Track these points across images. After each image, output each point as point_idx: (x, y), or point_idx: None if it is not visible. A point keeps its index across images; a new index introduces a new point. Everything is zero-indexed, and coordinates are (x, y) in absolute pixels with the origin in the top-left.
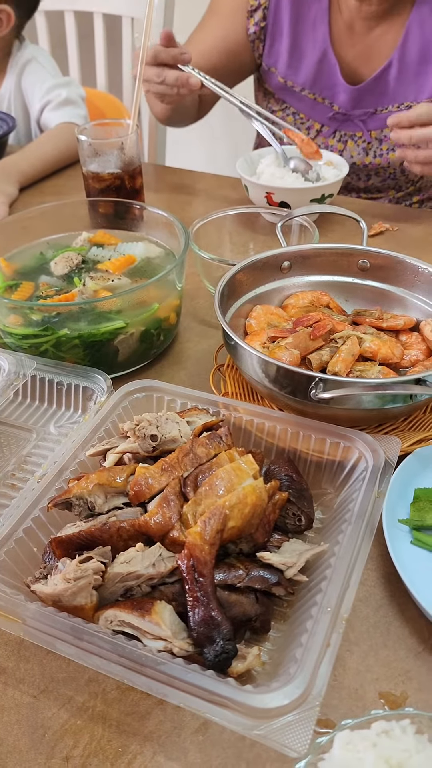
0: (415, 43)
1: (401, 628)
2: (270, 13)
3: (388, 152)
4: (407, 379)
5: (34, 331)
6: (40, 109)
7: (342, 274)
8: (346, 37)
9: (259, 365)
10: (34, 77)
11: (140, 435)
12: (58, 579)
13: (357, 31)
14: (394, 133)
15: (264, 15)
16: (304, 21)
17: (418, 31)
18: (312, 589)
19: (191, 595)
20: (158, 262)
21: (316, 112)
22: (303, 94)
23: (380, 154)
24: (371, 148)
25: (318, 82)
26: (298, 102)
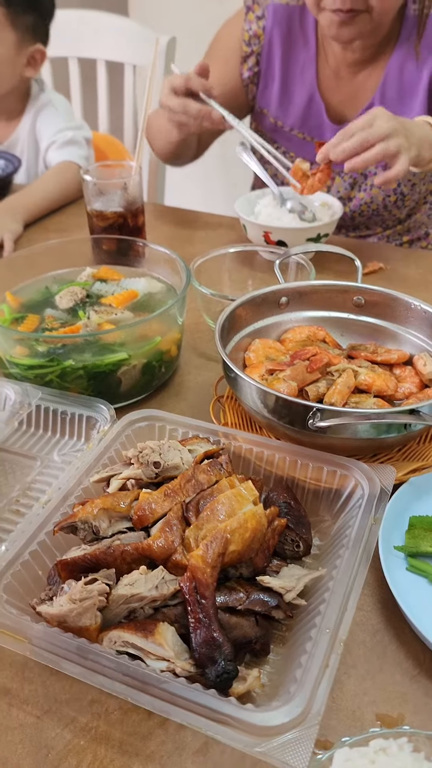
0: (393, 85)
1: (397, 652)
2: (262, 59)
3: (371, 188)
4: (402, 409)
5: (40, 361)
6: (46, 149)
7: (338, 310)
8: (332, 81)
9: (259, 396)
10: (48, 120)
11: (144, 462)
12: (64, 600)
13: (342, 76)
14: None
15: (257, 61)
16: (294, 67)
17: (395, 74)
18: (310, 613)
19: (193, 616)
20: (160, 297)
21: (305, 150)
22: (293, 133)
23: (365, 189)
24: (357, 183)
25: (306, 122)
26: (288, 141)
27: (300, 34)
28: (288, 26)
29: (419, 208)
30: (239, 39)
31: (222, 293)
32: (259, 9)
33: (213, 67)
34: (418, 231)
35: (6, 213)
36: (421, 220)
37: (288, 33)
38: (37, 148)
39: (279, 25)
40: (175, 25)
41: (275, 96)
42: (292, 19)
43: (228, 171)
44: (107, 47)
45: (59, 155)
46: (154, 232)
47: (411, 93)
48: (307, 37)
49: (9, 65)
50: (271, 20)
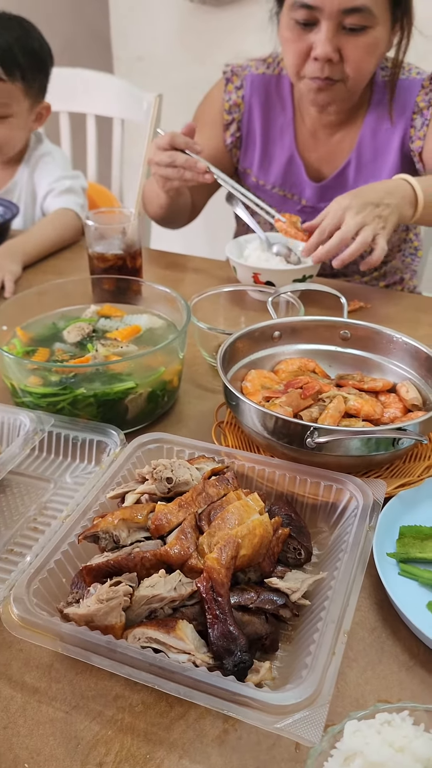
0: (368, 146)
1: (394, 647)
2: (243, 125)
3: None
4: (391, 427)
5: (53, 390)
6: (44, 196)
7: (326, 343)
8: (310, 142)
9: (259, 418)
10: (45, 170)
11: (157, 478)
12: (91, 601)
13: (319, 137)
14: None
15: (238, 127)
16: (273, 130)
17: (369, 136)
18: (315, 611)
19: (210, 613)
20: (161, 332)
21: (287, 206)
22: (274, 191)
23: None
24: None
25: (287, 181)
26: (270, 198)
27: (277, 100)
28: (265, 94)
29: (393, 255)
30: (220, 108)
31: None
32: (237, 80)
33: (199, 135)
34: (393, 276)
35: (5, 255)
36: (396, 266)
37: (266, 100)
38: (34, 195)
39: (257, 93)
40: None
41: (257, 158)
42: (269, 87)
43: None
44: (97, 103)
45: (57, 202)
46: (148, 274)
47: (384, 153)
48: (284, 102)
49: (25, 128)
50: (249, 89)
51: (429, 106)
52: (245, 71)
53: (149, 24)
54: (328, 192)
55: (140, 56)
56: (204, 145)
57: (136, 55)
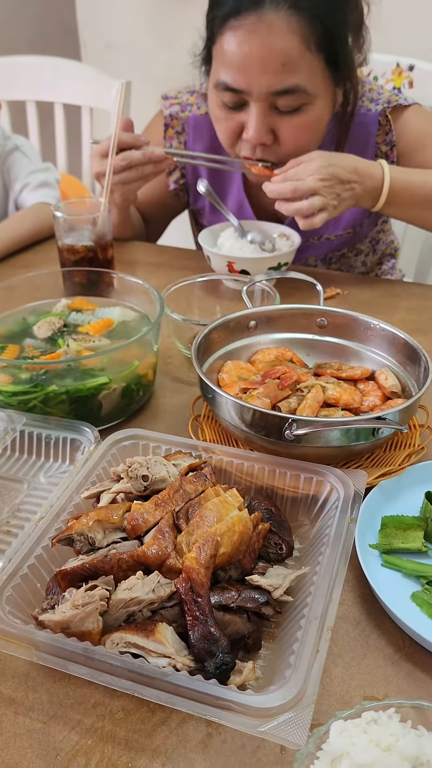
0: None
1: (378, 640)
2: (187, 172)
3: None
4: (370, 416)
5: (23, 388)
6: (20, 190)
7: (303, 332)
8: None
9: (236, 411)
10: (17, 165)
11: (133, 476)
12: (67, 606)
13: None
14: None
15: (182, 173)
16: (221, 176)
17: None
18: (297, 607)
19: (190, 614)
20: (134, 324)
21: None
22: None
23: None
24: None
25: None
26: None
27: None
28: (209, 136)
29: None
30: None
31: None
32: (178, 124)
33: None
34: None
35: None
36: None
37: (210, 144)
38: (6, 190)
39: (200, 137)
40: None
41: (207, 204)
42: (213, 130)
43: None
44: (64, 91)
45: (34, 197)
46: (120, 266)
47: None
48: None
49: None
50: (192, 135)
51: (392, 147)
52: (185, 113)
53: (116, 11)
54: None
55: (108, 43)
56: (148, 189)
57: (103, 42)
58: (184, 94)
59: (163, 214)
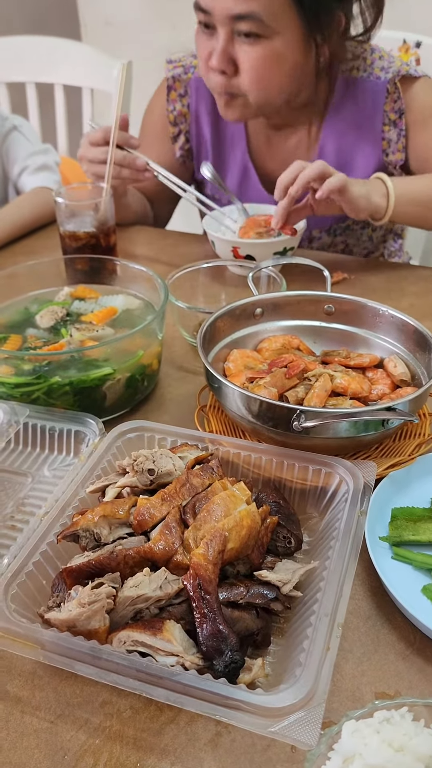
0: (331, 151)
1: (389, 635)
2: (192, 136)
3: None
4: (380, 407)
5: (26, 379)
6: (18, 173)
7: (310, 319)
8: (264, 149)
9: (243, 402)
10: (16, 146)
11: (138, 470)
12: (73, 605)
13: (273, 143)
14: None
15: (187, 138)
16: (224, 140)
17: (332, 139)
18: (307, 603)
19: (198, 611)
20: (138, 313)
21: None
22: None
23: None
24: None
25: (243, 193)
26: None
27: None
28: (212, 99)
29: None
30: (165, 120)
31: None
32: (180, 86)
33: (147, 147)
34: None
35: None
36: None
37: (214, 106)
38: (5, 172)
39: (203, 100)
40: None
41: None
42: None
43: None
44: (64, 72)
45: (33, 181)
46: (122, 252)
47: (351, 163)
48: None
49: None
50: (194, 97)
51: (400, 115)
52: (188, 75)
53: None
54: None
55: (108, 21)
56: (153, 158)
57: (103, 19)
58: (188, 58)
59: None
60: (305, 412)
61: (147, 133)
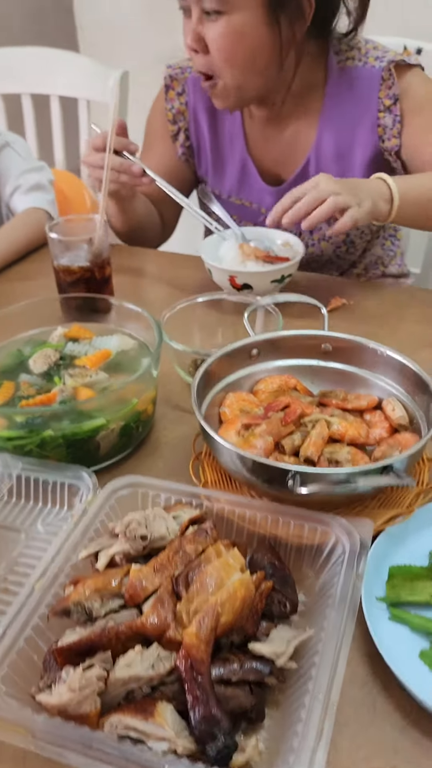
0: (330, 141)
1: (386, 704)
2: (191, 134)
3: (320, 242)
4: (375, 467)
5: (18, 433)
6: (11, 193)
7: (307, 357)
8: (262, 143)
9: (237, 458)
10: (9, 163)
11: (130, 536)
12: (64, 689)
13: (270, 135)
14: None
15: (186, 135)
16: (222, 136)
17: (329, 128)
18: (302, 677)
19: (191, 693)
20: (133, 354)
21: (246, 215)
22: (231, 200)
23: (312, 243)
24: (303, 239)
25: (243, 189)
26: (229, 208)
27: None
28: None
29: (373, 243)
30: (165, 119)
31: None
32: (178, 85)
33: (150, 152)
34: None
35: None
36: (376, 253)
37: (211, 102)
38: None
39: (200, 97)
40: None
41: (210, 167)
42: None
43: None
44: (60, 83)
45: (26, 201)
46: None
47: (350, 151)
48: None
49: None
50: (192, 94)
51: (395, 101)
52: (185, 74)
53: None
54: None
55: (104, 25)
56: (157, 160)
57: (100, 24)
58: (185, 60)
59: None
60: (300, 474)
61: (150, 135)
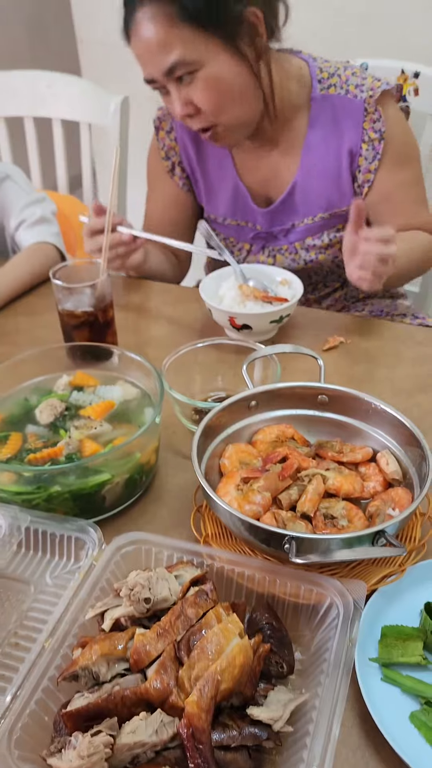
0: (315, 164)
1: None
2: (185, 165)
3: (317, 255)
4: (368, 533)
5: (27, 489)
6: (16, 227)
7: (304, 408)
8: (250, 165)
9: (236, 519)
10: (10, 196)
11: (134, 599)
12: (73, 756)
13: (258, 156)
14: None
15: (182, 168)
16: (211, 163)
17: (314, 152)
18: (298, 741)
19: (193, 762)
20: (135, 404)
21: (242, 234)
22: (227, 223)
23: (310, 259)
24: (300, 257)
25: (237, 210)
26: (226, 230)
27: None
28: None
29: None
30: (159, 157)
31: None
32: (166, 124)
33: (155, 192)
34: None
35: None
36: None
37: (195, 135)
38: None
39: (186, 131)
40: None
41: (204, 194)
42: None
43: None
44: (62, 106)
45: (32, 235)
46: (122, 313)
47: (332, 173)
48: None
49: None
50: (179, 130)
51: (380, 139)
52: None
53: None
54: (278, 217)
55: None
56: (164, 196)
57: (100, 39)
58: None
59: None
60: (294, 539)
61: (151, 175)
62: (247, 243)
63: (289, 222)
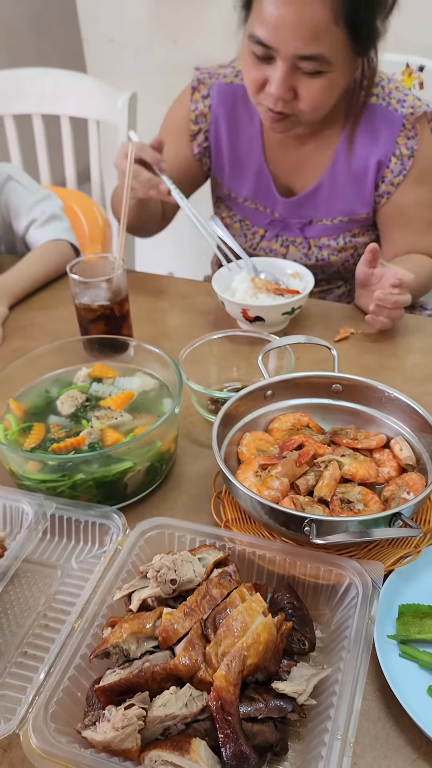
0: (344, 167)
1: (398, 739)
2: (210, 135)
3: (330, 256)
4: (385, 515)
5: (52, 477)
6: (26, 227)
7: (318, 397)
8: (279, 152)
9: (256, 503)
10: (15, 197)
11: (161, 581)
12: (108, 727)
13: (288, 146)
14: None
15: (205, 137)
16: (241, 142)
17: (346, 155)
18: (321, 713)
19: (222, 732)
20: (154, 394)
21: (258, 218)
22: (246, 204)
23: (321, 258)
24: (312, 254)
25: (257, 194)
26: (242, 210)
27: (245, 111)
28: (233, 104)
29: None
30: (187, 118)
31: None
32: (204, 89)
33: (167, 144)
34: None
35: None
36: None
37: (233, 110)
38: (3, 221)
39: (224, 103)
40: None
41: (227, 169)
42: (237, 97)
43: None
44: (69, 103)
45: (44, 234)
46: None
47: (359, 178)
48: (251, 112)
49: None
50: (216, 99)
51: (410, 156)
52: (212, 79)
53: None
54: (299, 210)
55: (110, 38)
56: (172, 154)
57: (106, 36)
58: (215, 66)
59: (185, 184)
60: (314, 521)
61: (167, 129)
62: (262, 228)
63: (308, 217)
